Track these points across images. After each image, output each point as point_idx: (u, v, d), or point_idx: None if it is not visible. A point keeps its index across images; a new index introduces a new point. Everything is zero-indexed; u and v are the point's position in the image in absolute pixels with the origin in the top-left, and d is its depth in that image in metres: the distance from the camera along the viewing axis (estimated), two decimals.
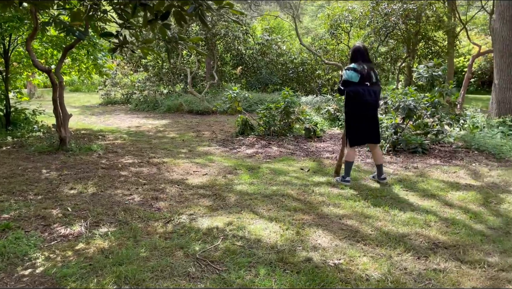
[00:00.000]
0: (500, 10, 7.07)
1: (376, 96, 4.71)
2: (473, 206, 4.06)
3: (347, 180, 4.83)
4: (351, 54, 4.88)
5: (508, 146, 6.28)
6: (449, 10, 13.83)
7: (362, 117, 4.72)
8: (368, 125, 4.74)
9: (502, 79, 7.18)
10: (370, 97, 4.64)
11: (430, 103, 6.94)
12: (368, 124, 4.74)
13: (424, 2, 12.08)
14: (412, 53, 15.53)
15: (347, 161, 4.87)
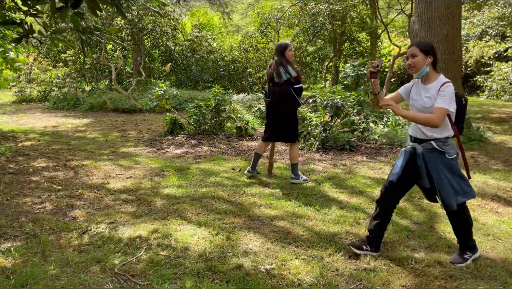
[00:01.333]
0: (419, 12, 7.44)
1: (275, 96, 4.73)
2: None
3: (248, 171, 5.00)
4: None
5: None
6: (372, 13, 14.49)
7: (270, 116, 4.87)
8: (276, 124, 4.83)
9: None
10: (269, 97, 4.82)
11: (356, 101, 7.14)
12: (276, 123, 4.83)
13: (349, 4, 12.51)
14: (338, 53, 16.07)
15: (256, 152, 5.02)
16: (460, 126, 2.86)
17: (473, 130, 7.29)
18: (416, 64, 2.77)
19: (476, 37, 18.31)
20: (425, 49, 2.77)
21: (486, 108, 12.89)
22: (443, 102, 2.65)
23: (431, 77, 2.80)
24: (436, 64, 2.82)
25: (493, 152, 6.37)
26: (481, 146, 6.75)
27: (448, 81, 2.73)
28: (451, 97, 2.66)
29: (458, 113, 2.79)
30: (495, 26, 17.47)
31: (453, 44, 7.32)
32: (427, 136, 2.81)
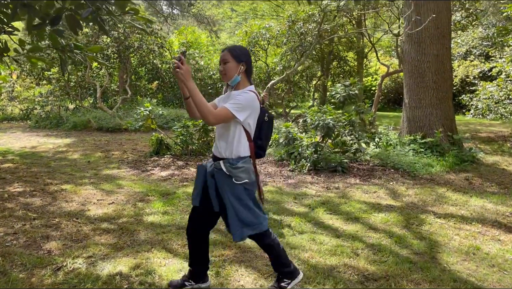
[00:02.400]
0: (408, 33, 7.41)
1: None
2: (396, 229, 3.96)
3: None
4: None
5: (420, 164, 6.49)
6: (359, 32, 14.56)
7: None
8: None
9: (412, 98, 7.50)
10: None
11: (348, 121, 6.99)
12: None
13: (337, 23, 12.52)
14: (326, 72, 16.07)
15: None
16: (259, 143, 2.56)
17: (465, 151, 7.19)
18: (227, 71, 2.46)
19: (460, 56, 18.56)
20: (238, 55, 2.47)
21: (473, 127, 12.94)
22: (230, 104, 2.34)
23: (241, 87, 2.50)
24: (250, 73, 2.54)
25: (487, 174, 6.25)
26: (474, 168, 6.63)
27: (251, 90, 2.46)
28: (243, 105, 2.36)
29: (259, 129, 2.54)
30: (479, 46, 17.74)
31: (443, 64, 7.28)
32: (220, 154, 2.49)
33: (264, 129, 2.57)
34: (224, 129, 2.48)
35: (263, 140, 2.58)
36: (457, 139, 7.33)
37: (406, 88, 7.70)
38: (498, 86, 16.05)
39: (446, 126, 7.33)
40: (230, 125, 2.44)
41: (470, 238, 3.76)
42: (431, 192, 5.27)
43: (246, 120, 2.41)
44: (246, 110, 2.38)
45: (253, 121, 2.46)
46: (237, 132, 2.44)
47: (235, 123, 2.43)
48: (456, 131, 7.61)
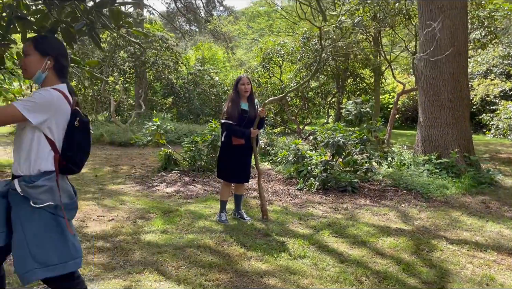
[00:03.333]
0: (424, 50, 7.22)
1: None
2: (405, 255, 3.73)
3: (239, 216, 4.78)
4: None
5: (434, 185, 6.23)
6: (375, 49, 14.41)
7: None
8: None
9: (427, 117, 7.27)
10: None
11: (359, 139, 6.81)
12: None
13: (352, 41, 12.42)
14: (341, 89, 15.91)
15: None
16: (69, 155, 2.02)
17: (483, 173, 6.88)
18: (27, 66, 2.02)
19: (480, 75, 18.17)
20: (43, 47, 2.04)
21: (494, 147, 12.50)
22: (21, 102, 1.88)
23: (49, 86, 2.04)
24: (61, 69, 2.10)
25: (506, 197, 5.94)
26: (492, 190, 6.32)
27: (55, 88, 2.01)
28: (38, 104, 1.90)
29: (69, 137, 2.02)
30: (499, 65, 17.34)
31: (460, 82, 7.05)
32: (16, 171, 1.98)
33: (76, 138, 2.05)
34: (20, 137, 2.00)
35: (75, 151, 2.05)
36: (474, 160, 7.04)
37: (421, 107, 7.48)
38: None
39: (462, 146, 7.05)
40: (27, 132, 1.96)
41: (484, 267, 3.50)
42: (445, 215, 5.01)
43: (45, 124, 1.95)
44: (41, 111, 1.92)
45: (56, 126, 1.98)
46: (36, 141, 1.96)
47: (32, 129, 1.95)
48: (473, 152, 7.32)
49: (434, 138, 7.19)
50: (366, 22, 11.42)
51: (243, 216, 4.72)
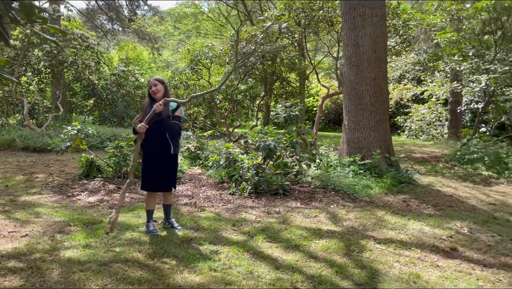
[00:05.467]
0: (348, 56, 7.52)
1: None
2: (337, 257, 3.79)
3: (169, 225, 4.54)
4: (167, 87, 4.42)
5: (360, 186, 6.49)
6: (300, 54, 14.82)
7: None
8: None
9: (351, 120, 7.57)
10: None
11: (289, 142, 6.89)
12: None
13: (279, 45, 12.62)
14: (269, 92, 16.13)
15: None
16: None
17: (402, 172, 7.34)
18: None
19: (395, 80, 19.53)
20: None
21: (408, 147, 13.46)
22: None
23: None
24: None
25: (423, 195, 6.37)
26: (411, 189, 6.75)
27: None
28: None
29: None
30: (411, 71, 18.77)
31: (380, 87, 7.45)
32: None
33: None
34: None
35: None
36: (394, 160, 7.47)
37: (345, 110, 7.78)
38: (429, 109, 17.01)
39: (383, 148, 7.45)
40: None
41: (410, 265, 3.68)
42: (371, 215, 5.22)
43: None
44: None
45: None
46: None
47: None
48: (393, 153, 7.77)
49: (358, 140, 7.51)
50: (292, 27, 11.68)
51: (174, 225, 4.52)
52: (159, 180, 4.32)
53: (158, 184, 4.34)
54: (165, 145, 4.24)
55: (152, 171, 4.28)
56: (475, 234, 4.59)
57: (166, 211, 4.56)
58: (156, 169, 4.27)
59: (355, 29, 7.32)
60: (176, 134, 4.28)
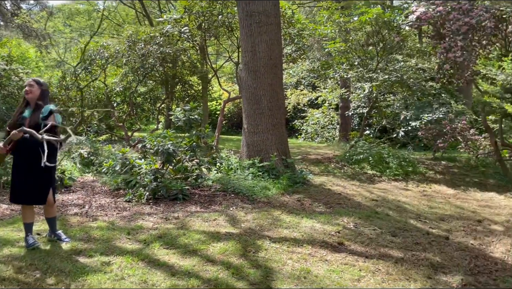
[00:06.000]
0: (246, 61, 7.73)
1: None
2: (234, 259, 3.86)
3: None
4: (46, 92, 4.11)
5: (258, 187, 6.69)
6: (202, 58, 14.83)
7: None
8: None
9: (250, 124, 7.78)
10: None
11: (189, 146, 6.84)
12: None
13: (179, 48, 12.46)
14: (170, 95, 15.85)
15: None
16: None
17: (297, 173, 7.74)
18: None
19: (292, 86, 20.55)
20: None
21: (304, 149, 14.24)
22: None
23: None
24: None
25: (316, 194, 6.79)
26: (305, 189, 7.15)
27: None
28: None
29: None
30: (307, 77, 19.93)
31: (276, 92, 7.78)
32: None
33: None
34: None
35: None
36: (290, 162, 7.85)
37: (245, 114, 7.97)
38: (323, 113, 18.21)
39: (280, 150, 7.78)
40: None
41: (301, 261, 3.88)
42: (268, 215, 5.41)
43: None
44: None
45: None
46: None
47: None
48: (289, 155, 8.15)
49: (257, 143, 7.74)
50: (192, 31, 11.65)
51: (61, 237, 4.18)
52: (27, 193, 3.90)
53: (26, 197, 3.91)
54: (34, 156, 3.75)
55: (19, 183, 3.89)
56: (359, 229, 5.02)
57: (49, 223, 4.20)
58: (22, 181, 3.87)
59: (252, 35, 7.55)
60: (47, 145, 3.69)
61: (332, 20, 11.25)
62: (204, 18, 10.88)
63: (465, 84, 11.21)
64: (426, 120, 9.73)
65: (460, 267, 3.99)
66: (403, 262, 4.00)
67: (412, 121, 10.04)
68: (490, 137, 9.83)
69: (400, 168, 9.52)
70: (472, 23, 9.15)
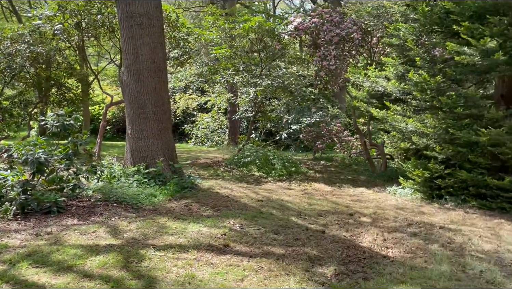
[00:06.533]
0: (128, 64, 7.40)
1: None
2: (114, 272, 3.65)
3: None
4: None
5: (144, 195, 6.45)
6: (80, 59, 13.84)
7: None
8: None
9: (134, 129, 7.47)
10: None
11: (64, 154, 6.30)
12: None
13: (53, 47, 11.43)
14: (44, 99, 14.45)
15: None
16: None
17: (185, 178, 7.66)
18: None
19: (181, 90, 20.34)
20: None
21: (194, 154, 14.18)
22: None
23: None
24: None
25: (204, 199, 6.80)
26: (193, 193, 7.11)
27: None
28: None
29: None
30: (196, 82, 19.91)
31: (161, 96, 7.60)
32: None
33: None
34: None
35: None
36: (178, 167, 7.74)
37: (128, 119, 7.64)
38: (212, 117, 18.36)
39: (167, 156, 7.62)
40: None
41: (186, 267, 3.84)
42: (153, 223, 5.24)
43: None
44: None
45: None
46: None
47: None
48: (176, 160, 8.02)
49: (142, 149, 7.47)
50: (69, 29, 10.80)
51: None
52: None
53: None
54: None
55: None
56: (245, 229, 5.15)
57: None
58: None
59: (133, 37, 7.27)
60: None
61: (217, 26, 11.42)
62: (81, 17, 10.16)
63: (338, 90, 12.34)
64: (305, 123, 10.42)
65: (334, 258, 4.34)
66: (284, 258, 4.22)
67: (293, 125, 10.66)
68: (360, 138, 10.94)
69: (284, 168, 10.06)
70: (343, 34, 10.10)
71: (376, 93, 9.50)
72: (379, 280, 3.83)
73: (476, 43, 6.45)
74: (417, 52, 7.72)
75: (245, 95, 12.13)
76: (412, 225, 5.79)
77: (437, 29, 7.85)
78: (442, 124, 7.19)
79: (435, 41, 7.68)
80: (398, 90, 8.38)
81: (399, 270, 4.09)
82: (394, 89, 8.47)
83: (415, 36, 8.13)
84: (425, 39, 7.98)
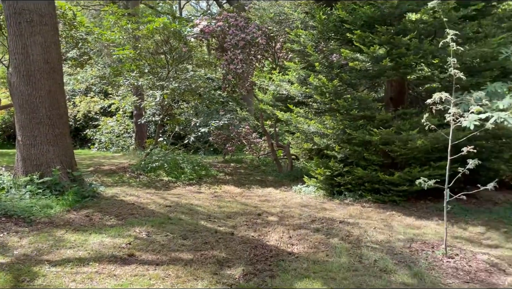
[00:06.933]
0: (16, 64, 6.72)
1: None
2: None
3: None
4: None
5: (38, 206, 5.92)
6: None
7: None
8: None
9: (26, 135, 6.81)
10: None
11: None
12: None
13: None
14: None
15: None
16: None
17: (86, 186, 7.19)
18: None
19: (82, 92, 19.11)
20: None
21: (98, 160, 13.39)
22: None
23: None
24: None
25: (107, 207, 6.44)
26: (95, 202, 6.70)
27: None
28: None
29: None
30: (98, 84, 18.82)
31: (57, 99, 7.05)
32: None
33: None
34: None
35: None
36: (78, 175, 7.23)
37: (18, 124, 6.95)
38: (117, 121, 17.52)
39: (65, 163, 7.08)
40: None
41: (86, 281, 3.61)
42: (48, 237, 4.83)
43: None
44: None
45: None
46: None
47: None
48: (75, 167, 7.50)
49: (35, 157, 6.85)
50: None
51: None
52: None
53: None
54: None
55: None
56: (152, 237, 4.99)
57: None
58: None
59: (22, 36, 6.64)
60: None
61: (120, 26, 10.92)
62: None
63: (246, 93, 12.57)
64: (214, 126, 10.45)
65: (242, 259, 4.41)
66: (192, 263, 4.17)
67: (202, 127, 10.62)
68: (268, 139, 11.28)
69: (194, 172, 9.97)
70: (248, 39, 10.32)
71: (281, 96, 9.88)
72: (285, 277, 3.97)
73: (367, 50, 7.03)
74: (316, 57, 8.17)
75: (151, 98, 11.78)
76: (315, 221, 6.11)
77: (334, 36, 8.40)
78: (340, 125, 7.70)
79: (332, 47, 8.21)
80: (301, 93, 8.81)
81: (303, 265, 4.28)
82: (297, 93, 8.89)
83: (314, 43, 8.60)
84: (323, 46, 8.49)
